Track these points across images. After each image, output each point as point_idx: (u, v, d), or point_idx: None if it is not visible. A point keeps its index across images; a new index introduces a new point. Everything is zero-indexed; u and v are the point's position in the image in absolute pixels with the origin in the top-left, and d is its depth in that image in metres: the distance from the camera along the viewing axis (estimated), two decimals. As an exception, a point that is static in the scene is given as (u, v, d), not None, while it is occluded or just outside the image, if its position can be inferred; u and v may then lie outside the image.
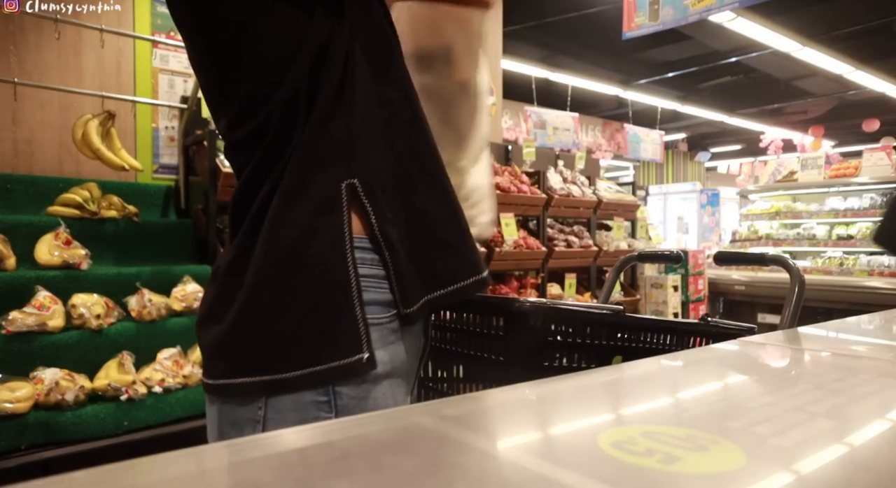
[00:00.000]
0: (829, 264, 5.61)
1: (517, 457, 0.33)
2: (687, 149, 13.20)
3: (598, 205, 4.26)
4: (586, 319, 0.72)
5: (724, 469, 0.30)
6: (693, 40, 6.74)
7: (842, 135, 11.89)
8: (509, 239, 3.57)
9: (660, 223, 9.65)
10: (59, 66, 2.82)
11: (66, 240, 2.29)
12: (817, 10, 5.96)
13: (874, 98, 8.90)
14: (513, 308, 0.72)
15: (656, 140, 6.42)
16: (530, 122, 5.15)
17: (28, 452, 1.91)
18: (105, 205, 2.55)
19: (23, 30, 2.73)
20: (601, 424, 0.40)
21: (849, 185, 5.94)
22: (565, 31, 6.54)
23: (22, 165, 2.73)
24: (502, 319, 0.73)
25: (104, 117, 2.64)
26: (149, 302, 2.30)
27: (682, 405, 0.45)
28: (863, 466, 0.32)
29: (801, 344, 0.70)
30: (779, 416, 0.39)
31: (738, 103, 9.74)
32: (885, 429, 0.38)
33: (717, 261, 1.33)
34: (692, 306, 4.90)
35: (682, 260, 1.35)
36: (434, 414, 0.41)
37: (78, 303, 2.15)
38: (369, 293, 0.69)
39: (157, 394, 2.16)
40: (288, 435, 0.38)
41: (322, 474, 0.30)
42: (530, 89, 6.88)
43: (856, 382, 0.49)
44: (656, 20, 4.29)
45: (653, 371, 0.56)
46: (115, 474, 0.29)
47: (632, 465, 0.30)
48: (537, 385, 0.48)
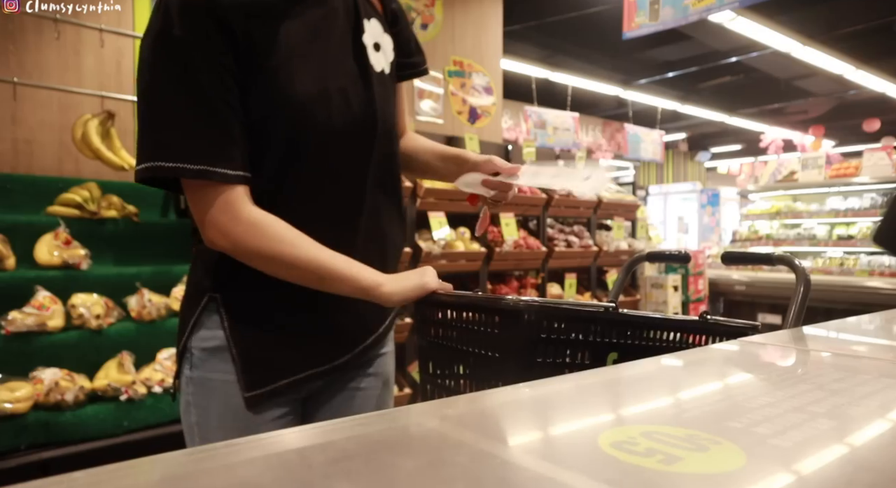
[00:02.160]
0: (830, 264, 5.61)
1: (517, 457, 0.33)
2: (687, 149, 13.20)
3: (598, 205, 4.26)
4: (578, 316, 0.73)
5: (724, 469, 0.30)
6: (693, 40, 6.74)
7: (842, 135, 11.89)
8: (509, 239, 3.57)
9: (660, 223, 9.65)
10: (58, 66, 2.82)
11: (66, 239, 2.29)
12: (817, 9, 5.96)
13: (874, 98, 8.90)
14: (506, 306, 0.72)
15: (656, 140, 6.43)
16: (530, 122, 5.16)
17: (28, 452, 1.91)
18: (105, 205, 2.54)
19: (23, 30, 2.73)
20: (601, 424, 0.40)
21: (849, 185, 5.94)
22: (565, 31, 6.54)
23: (22, 165, 2.73)
24: (497, 317, 0.73)
25: (104, 117, 2.64)
26: (148, 302, 2.30)
27: (683, 405, 0.45)
28: (863, 466, 0.32)
29: (802, 344, 0.70)
30: (779, 416, 0.39)
31: (739, 103, 9.74)
32: (885, 430, 0.38)
33: (724, 261, 1.33)
34: (692, 306, 4.90)
35: (689, 259, 1.36)
36: (434, 414, 0.41)
37: (78, 303, 2.15)
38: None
39: (156, 394, 2.16)
40: (288, 435, 0.38)
41: (322, 474, 0.30)
42: (530, 89, 6.88)
43: (856, 382, 0.49)
44: (656, 20, 4.29)
45: (653, 371, 0.56)
46: (115, 474, 0.29)
47: (632, 465, 0.30)
48: (537, 385, 0.48)
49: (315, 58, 0.87)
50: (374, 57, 0.94)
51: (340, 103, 0.88)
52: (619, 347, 0.73)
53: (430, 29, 4.27)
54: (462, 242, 3.37)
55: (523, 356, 0.70)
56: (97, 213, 2.49)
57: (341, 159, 0.90)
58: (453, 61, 4.43)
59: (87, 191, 2.51)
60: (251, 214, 0.80)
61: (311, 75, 0.85)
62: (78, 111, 2.70)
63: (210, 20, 0.76)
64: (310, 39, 0.86)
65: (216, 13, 0.76)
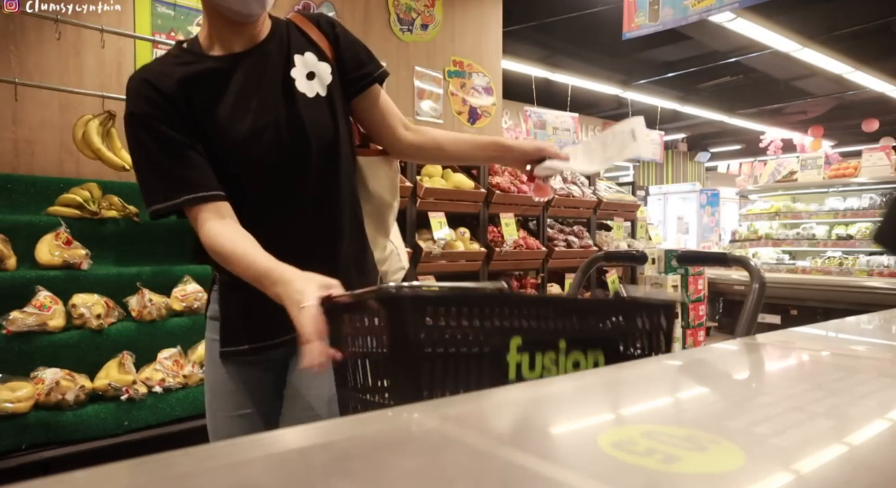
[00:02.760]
0: (829, 264, 5.61)
1: (517, 457, 0.33)
2: (687, 149, 13.20)
3: (598, 205, 4.27)
4: (466, 300, 0.67)
5: (723, 469, 0.30)
6: (693, 40, 6.74)
7: (841, 135, 11.89)
8: (509, 239, 3.57)
9: (660, 223, 9.65)
10: (59, 66, 2.82)
11: (67, 240, 2.29)
12: (817, 10, 5.96)
13: (874, 98, 8.90)
14: (385, 294, 0.68)
15: (656, 140, 6.43)
16: (530, 122, 5.16)
17: (28, 452, 1.91)
18: (105, 205, 2.54)
19: (23, 30, 2.73)
20: (601, 424, 0.40)
21: (848, 185, 5.94)
22: (565, 31, 6.54)
23: (22, 165, 2.73)
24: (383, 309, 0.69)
25: (104, 117, 2.64)
26: (149, 302, 2.30)
27: (682, 405, 0.45)
28: (862, 466, 0.32)
29: (801, 344, 0.70)
30: (778, 416, 0.39)
31: (738, 103, 9.74)
32: (884, 429, 0.38)
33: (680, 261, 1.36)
34: (692, 306, 4.90)
35: (646, 260, 1.39)
36: (434, 414, 0.41)
37: (78, 302, 2.15)
38: None
39: (157, 394, 2.16)
40: (288, 435, 0.38)
41: (322, 474, 0.30)
42: (530, 89, 6.88)
43: (855, 382, 0.49)
44: (656, 20, 4.29)
45: (652, 371, 0.56)
46: (115, 474, 0.29)
47: (632, 465, 0.30)
48: (537, 385, 0.48)
49: (249, 100, 1.05)
50: (306, 85, 1.09)
51: (272, 135, 1.05)
52: (523, 331, 0.68)
53: (430, 29, 4.27)
54: (462, 242, 3.37)
55: (409, 348, 0.65)
56: (98, 213, 2.49)
57: (280, 182, 1.07)
58: (453, 61, 4.43)
59: (88, 191, 2.51)
60: (202, 227, 1.01)
61: (246, 116, 1.04)
62: (78, 111, 2.70)
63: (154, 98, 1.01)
64: (244, 86, 1.06)
65: (160, 93, 1.01)
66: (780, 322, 5.77)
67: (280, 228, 1.08)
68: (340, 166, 1.12)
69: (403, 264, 1.32)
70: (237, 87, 1.06)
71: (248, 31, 1.07)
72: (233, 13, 1.02)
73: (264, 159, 1.05)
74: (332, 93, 1.11)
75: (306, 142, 1.07)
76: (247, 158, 1.05)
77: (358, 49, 1.17)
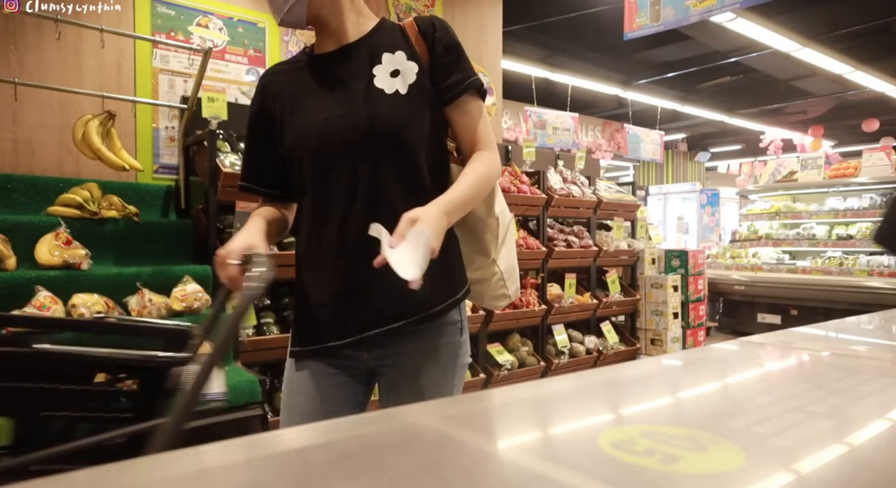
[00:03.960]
0: (829, 264, 5.62)
1: (517, 457, 0.33)
2: (687, 149, 13.20)
3: (598, 205, 4.26)
4: None
5: (723, 469, 0.30)
6: (693, 40, 6.74)
7: (841, 135, 11.89)
8: (509, 239, 3.56)
9: (660, 223, 9.65)
10: (59, 66, 2.82)
11: (67, 240, 2.29)
12: (817, 10, 5.96)
13: (874, 98, 8.90)
14: None
15: (656, 140, 6.43)
16: (530, 122, 5.16)
17: (28, 452, 1.91)
18: (105, 205, 2.54)
19: (23, 30, 2.73)
20: (601, 424, 0.40)
21: (848, 185, 5.94)
22: (565, 31, 6.54)
23: (22, 165, 2.73)
24: None
25: (104, 117, 2.64)
26: (149, 302, 2.30)
27: (682, 405, 0.45)
28: (863, 466, 0.32)
29: (801, 344, 0.70)
30: (778, 416, 0.39)
31: (738, 103, 9.74)
32: (884, 429, 0.38)
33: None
34: (692, 306, 4.90)
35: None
36: (434, 414, 0.41)
37: (78, 302, 2.15)
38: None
39: (157, 394, 2.16)
40: (288, 435, 0.38)
41: (322, 474, 0.30)
42: (530, 89, 6.89)
43: (855, 382, 0.49)
44: (657, 21, 4.29)
45: (652, 371, 0.56)
46: (115, 474, 0.29)
47: (632, 465, 0.30)
48: (537, 385, 0.48)
49: (327, 93, 1.14)
50: (387, 81, 1.13)
51: (341, 124, 1.11)
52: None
53: (429, 29, 4.27)
54: (462, 242, 3.37)
55: None
56: (98, 213, 2.49)
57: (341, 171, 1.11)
58: (453, 61, 4.42)
59: (88, 191, 2.51)
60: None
61: (323, 106, 1.13)
62: (78, 111, 2.70)
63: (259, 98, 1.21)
64: (326, 81, 1.16)
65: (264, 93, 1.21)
66: (780, 322, 5.77)
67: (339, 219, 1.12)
68: (405, 163, 1.11)
69: (508, 293, 1.28)
70: (319, 82, 1.16)
71: (329, 34, 1.17)
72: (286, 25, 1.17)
73: (330, 148, 1.11)
74: (413, 91, 1.13)
75: (370, 136, 1.10)
76: (317, 144, 1.12)
77: (450, 60, 1.17)
